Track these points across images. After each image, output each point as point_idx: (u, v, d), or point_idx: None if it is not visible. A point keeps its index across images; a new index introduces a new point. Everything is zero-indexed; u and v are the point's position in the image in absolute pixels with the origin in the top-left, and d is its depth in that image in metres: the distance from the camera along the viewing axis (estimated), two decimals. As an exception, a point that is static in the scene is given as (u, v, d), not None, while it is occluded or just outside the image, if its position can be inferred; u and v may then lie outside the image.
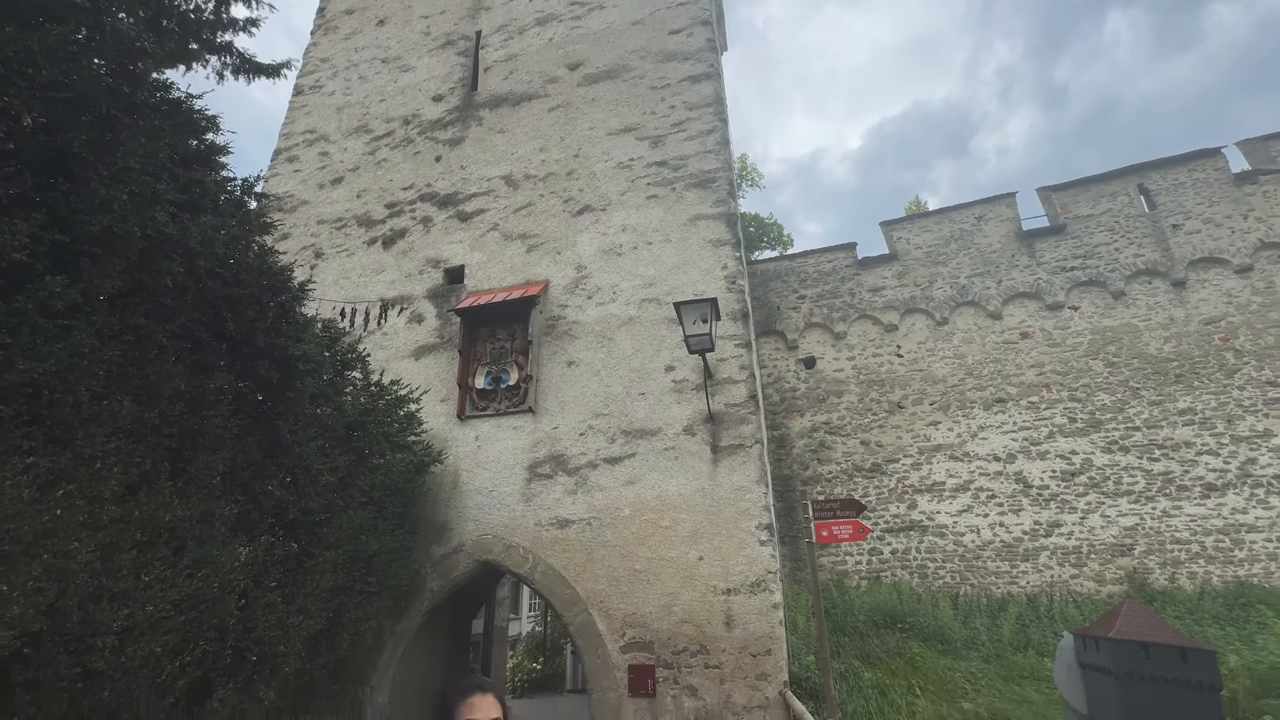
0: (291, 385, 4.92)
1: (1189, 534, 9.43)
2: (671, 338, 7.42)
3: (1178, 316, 10.60)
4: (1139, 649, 1.42)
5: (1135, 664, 1.41)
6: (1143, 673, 1.39)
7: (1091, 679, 1.52)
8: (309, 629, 4.93)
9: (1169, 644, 1.40)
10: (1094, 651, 1.52)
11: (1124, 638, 1.45)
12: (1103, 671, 1.47)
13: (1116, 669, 1.41)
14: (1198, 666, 1.37)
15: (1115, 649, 1.42)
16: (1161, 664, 1.39)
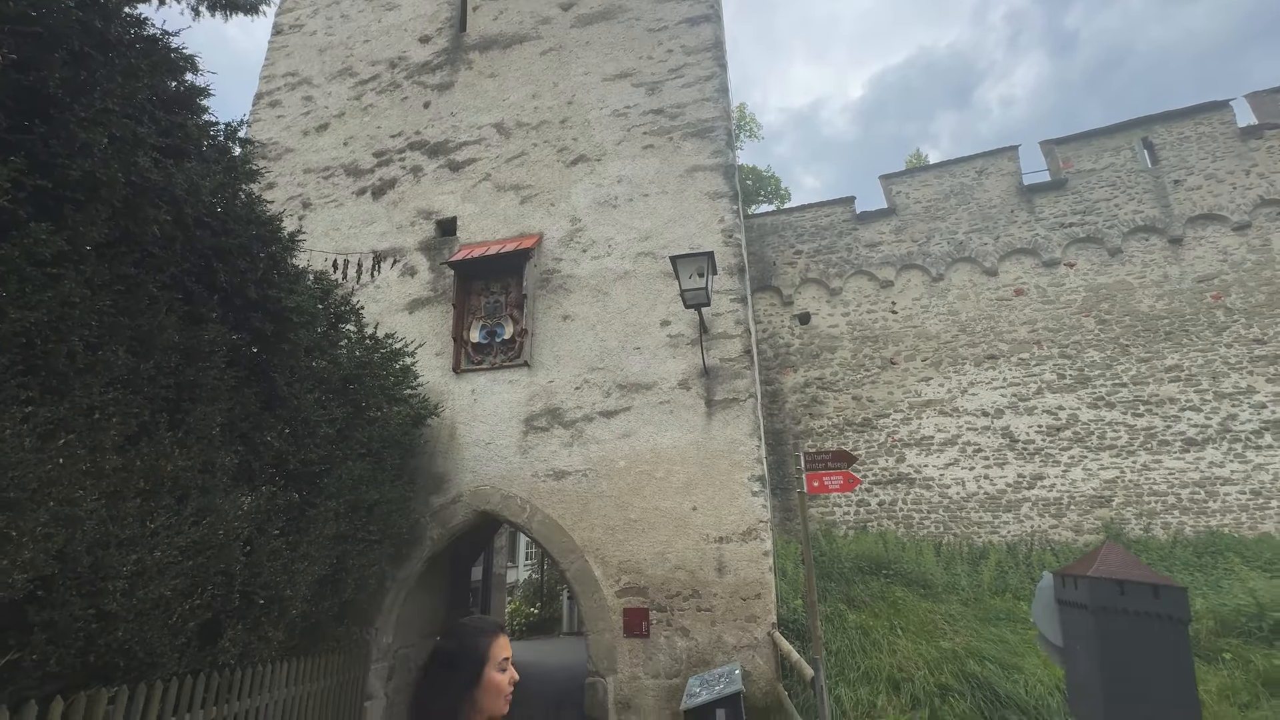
0: (286, 337, 4.90)
1: (1166, 486, 9.74)
2: (667, 292, 7.39)
3: (1172, 274, 10.62)
4: (1115, 586, 1.49)
5: (1110, 599, 1.48)
6: (1117, 607, 1.47)
7: (1068, 614, 1.61)
8: (313, 574, 5.07)
9: (1143, 581, 1.47)
10: (1072, 589, 1.60)
11: (1101, 576, 1.52)
12: (1079, 607, 1.55)
13: (1093, 604, 1.49)
14: (1169, 601, 1.45)
15: (1092, 586, 1.50)
16: (1135, 599, 1.47)
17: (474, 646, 1.35)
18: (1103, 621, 1.44)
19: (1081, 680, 1.51)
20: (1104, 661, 1.42)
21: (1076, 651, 1.54)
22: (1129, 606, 1.42)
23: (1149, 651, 1.39)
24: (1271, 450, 9.51)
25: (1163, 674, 1.39)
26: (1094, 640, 1.45)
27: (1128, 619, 1.42)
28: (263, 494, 4.63)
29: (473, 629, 1.41)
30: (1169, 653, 1.40)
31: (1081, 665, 1.51)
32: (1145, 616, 1.42)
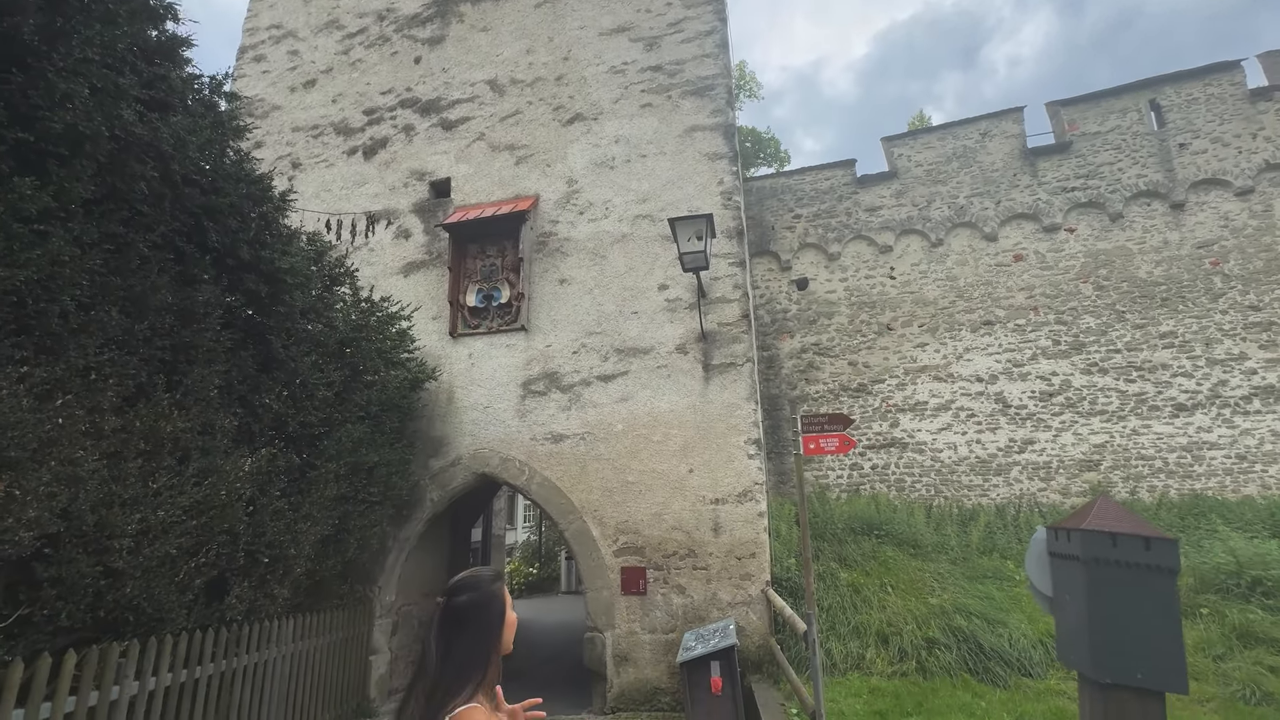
0: (280, 299, 4.85)
1: (1154, 451, 9.91)
2: (665, 255, 7.32)
3: (1172, 240, 10.57)
4: (1108, 538, 1.52)
5: (1103, 551, 1.52)
6: (1109, 558, 1.50)
7: (1059, 566, 1.65)
8: (316, 534, 5.15)
9: (1136, 534, 1.50)
10: (1065, 542, 1.63)
11: (1095, 529, 1.55)
12: (1071, 559, 1.58)
13: (1085, 555, 1.52)
14: (1159, 553, 1.49)
15: (1085, 538, 1.53)
16: (1127, 551, 1.50)
17: (495, 593, 1.50)
18: (1093, 572, 1.48)
19: (1070, 628, 1.56)
20: (1093, 610, 1.46)
21: (1066, 601, 1.58)
22: (1120, 558, 1.45)
23: (1137, 600, 1.43)
24: (1259, 415, 9.65)
25: (1150, 621, 1.44)
26: (1084, 590, 1.49)
27: (1118, 569, 1.46)
28: (263, 456, 4.66)
29: (487, 578, 1.53)
30: (1157, 601, 1.44)
31: (1070, 614, 1.55)
32: (1136, 567, 1.45)
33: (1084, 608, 1.53)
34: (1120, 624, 1.47)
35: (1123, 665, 1.46)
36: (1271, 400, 9.64)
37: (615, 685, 6.19)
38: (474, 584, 1.50)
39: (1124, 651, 1.47)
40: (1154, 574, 1.50)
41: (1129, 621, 1.47)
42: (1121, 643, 1.47)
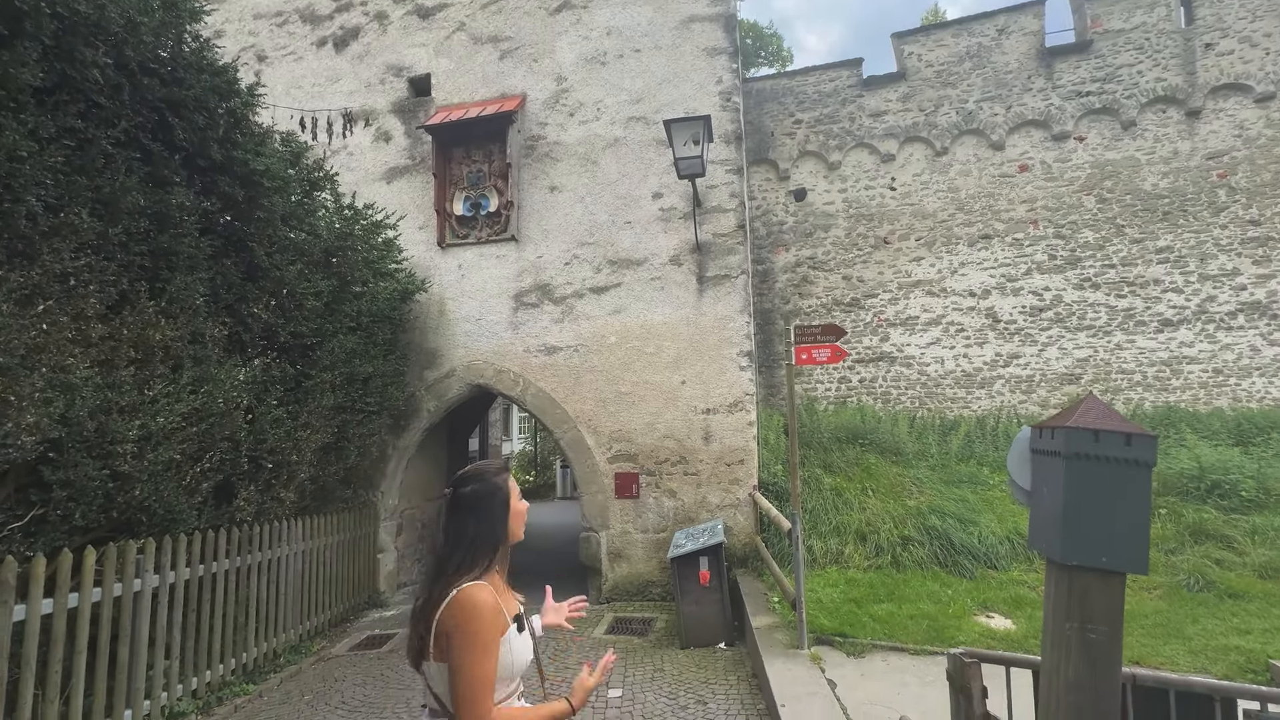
0: (259, 204, 4.66)
1: (1135, 365, 10.14)
2: (660, 161, 7.02)
3: (1182, 150, 10.23)
4: (1090, 435, 1.57)
5: (1084, 447, 1.57)
6: (1089, 454, 1.56)
7: (1040, 462, 1.71)
8: (316, 442, 5.27)
9: (1118, 430, 1.55)
10: (1048, 439, 1.68)
11: (1078, 426, 1.60)
12: (1053, 455, 1.64)
13: (1066, 451, 1.58)
14: (1139, 448, 1.54)
15: (1068, 435, 1.58)
16: (1108, 447, 1.56)
17: (500, 483, 1.56)
18: (1072, 465, 1.53)
19: (1044, 517, 1.63)
20: (1068, 500, 1.53)
21: (1043, 493, 1.65)
22: (1100, 453, 1.51)
23: (1111, 491, 1.50)
24: (1241, 331, 9.81)
25: (1120, 510, 1.51)
26: (1061, 482, 1.55)
27: (1097, 463, 1.51)
28: (257, 366, 4.67)
29: (491, 470, 1.59)
30: (1130, 492, 1.51)
31: (1045, 504, 1.62)
32: (1114, 461, 1.50)
33: (1059, 498, 1.59)
34: (1091, 513, 1.54)
35: (1090, 549, 1.54)
36: (1256, 316, 9.77)
37: (610, 579, 6.63)
38: (479, 475, 1.56)
39: (1092, 537, 1.55)
40: (1131, 467, 1.55)
41: (1100, 510, 1.54)
42: (1091, 530, 1.54)
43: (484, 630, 1.37)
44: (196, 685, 4.17)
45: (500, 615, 1.43)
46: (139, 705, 3.70)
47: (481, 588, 1.42)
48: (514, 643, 1.47)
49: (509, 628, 1.46)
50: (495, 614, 1.40)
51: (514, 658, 1.47)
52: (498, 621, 1.40)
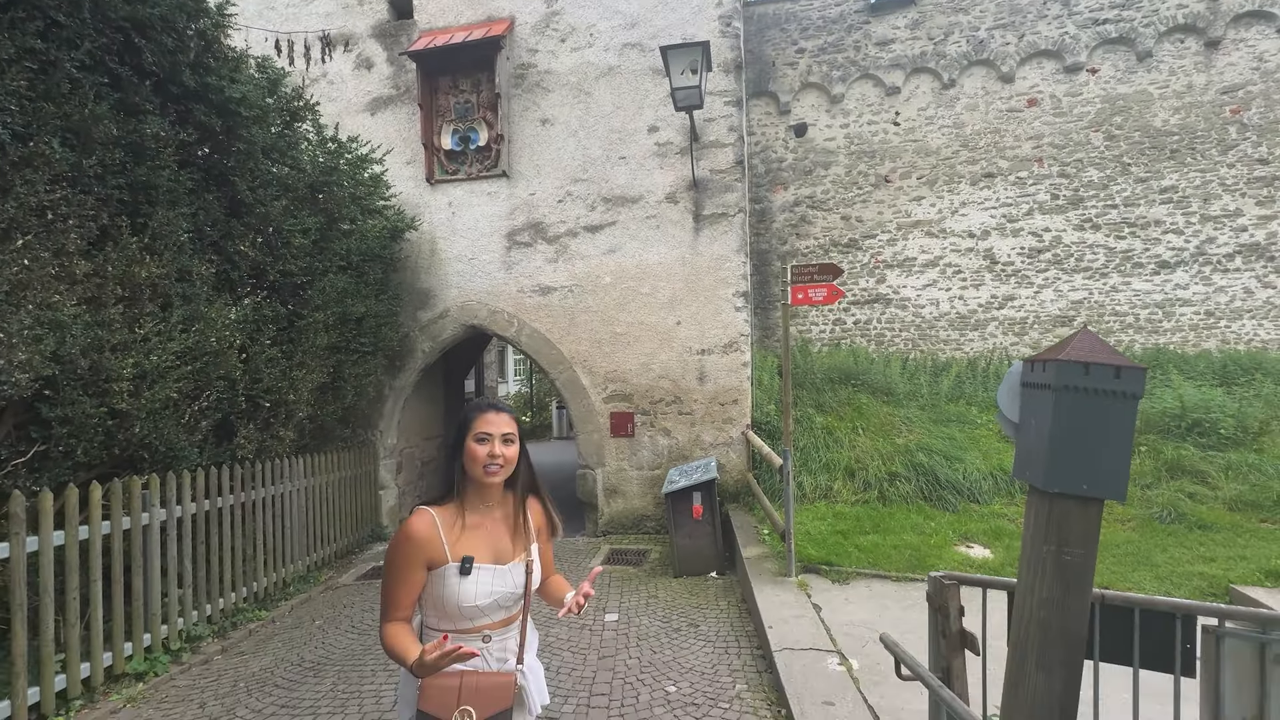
0: (238, 135, 4.47)
1: (1128, 307, 10.17)
2: (656, 92, 6.73)
3: (1197, 84, 9.87)
4: (1081, 367, 1.59)
5: (1074, 379, 1.59)
6: (1079, 386, 1.58)
7: (1030, 394, 1.74)
8: (313, 382, 5.28)
9: (1109, 363, 1.57)
10: (1040, 372, 1.70)
11: (1070, 359, 1.62)
12: (1043, 388, 1.67)
13: (1056, 384, 1.60)
14: (1128, 380, 1.57)
15: (1059, 368, 1.60)
16: (1098, 379, 1.58)
17: (464, 416, 1.57)
18: (1061, 398, 1.56)
19: (1029, 447, 1.67)
20: (1054, 431, 1.57)
21: (1030, 425, 1.69)
22: (1090, 385, 1.53)
23: (1097, 422, 1.53)
24: (1237, 273, 9.79)
25: (1105, 440, 1.55)
26: (1049, 413, 1.58)
27: (1086, 395, 1.53)
28: (248, 305, 4.61)
29: (474, 403, 1.60)
30: (1116, 423, 1.54)
31: (1032, 435, 1.66)
32: (1103, 393, 1.53)
33: (1045, 430, 1.62)
34: (1077, 442, 1.58)
35: (1071, 477, 1.58)
36: (1253, 258, 9.73)
37: (605, 513, 6.85)
38: (467, 405, 1.62)
39: (1075, 466, 1.59)
40: (1119, 399, 1.57)
41: (1085, 440, 1.57)
42: (1074, 459, 1.58)
43: (393, 554, 1.47)
44: (210, 612, 4.35)
45: (422, 544, 1.45)
46: (156, 629, 3.87)
47: (419, 513, 1.49)
48: (448, 579, 1.45)
49: (446, 564, 1.46)
50: (410, 541, 1.45)
51: (446, 594, 1.44)
52: (412, 550, 1.44)
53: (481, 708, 1.40)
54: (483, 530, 1.53)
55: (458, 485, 1.54)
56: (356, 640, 4.20)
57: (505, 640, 1.53)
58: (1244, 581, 4.03)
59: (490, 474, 1.51)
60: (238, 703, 3.41)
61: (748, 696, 3.20)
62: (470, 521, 1.52)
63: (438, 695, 1.39)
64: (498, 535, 1.55)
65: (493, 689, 1.43)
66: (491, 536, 1.54)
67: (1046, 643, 1.68)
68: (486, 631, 1.51)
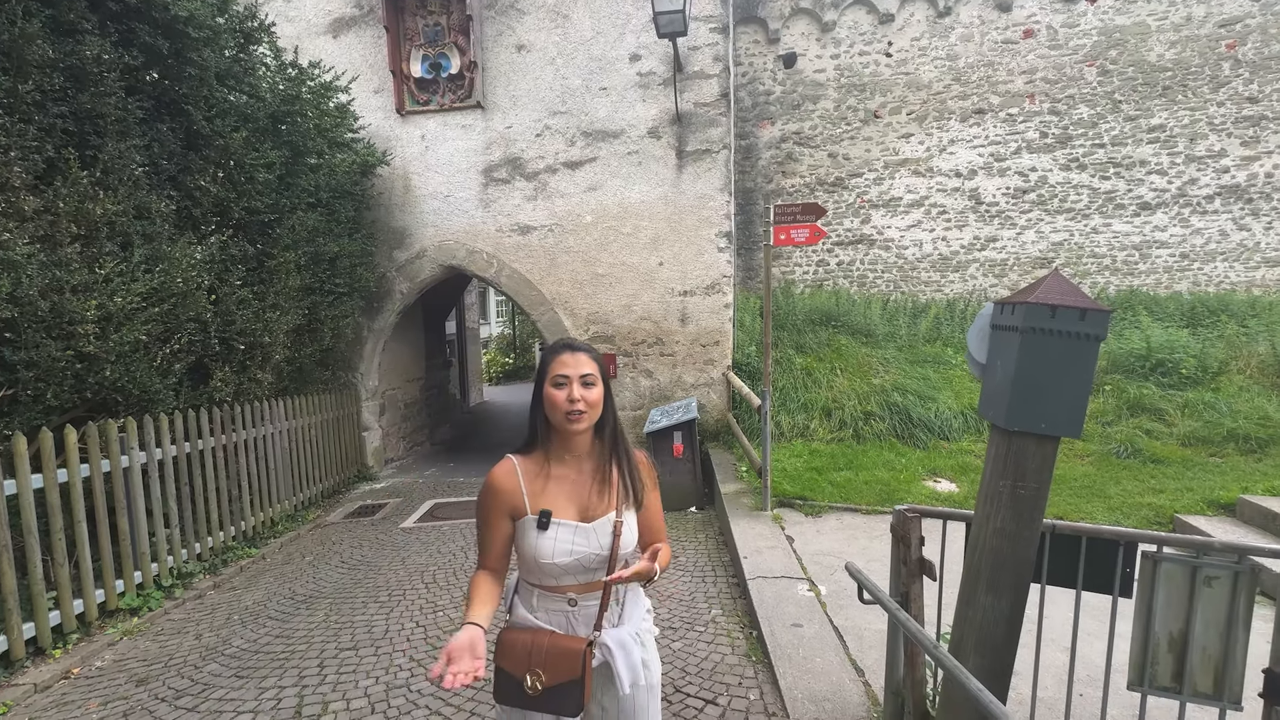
0: (188, 59, 4.17)
1: (1107, 249, 10.26)
2: (638, 16, 6.36)
3: (1196, 15, 9.59)
4: (1048, 310, 1.62)
5: (1040, 321, 1.63)
6: (1045, 328, 1.62)
7: (998, 336, 1.78)
8: (287, 323, 5.19)
9: (1074, 305, 1.60)
10: (1009, 315, 1.74)
11: (1038, 301, 1.65)
12: (1011, 330, 1.70)
13: (1023, 326, 1.64)
14: (1092, 322, 1.60)
15: (1027, 310, 1.63)
16: (1063, 321, 1.61)
17: (542, 362, 1.44)
18: (1027, 339, 1.59)
19: (995, 387, 1.72)
20: (1019, 372, 1.61)
21: (996, 366, 1.73)
22: (1056, 327, 1.56)
23: (1060, 362, 1.58)
24: (1214, 215, 9.87)
25: (1065, 380, 1.60)
26: (1014, 354, 1.62)
27: (1051, 337, 1.57)
28: (214, 244, 4.45)
29: (554, 345, 1.46)
30: (1077, 364, 1.59)
31: (998, 375, 1.70)
32: (1067, 335, 1.56)
33: (1010, 369, 1.65)
34: (1038, 383, 1.62)
35: (1031, 415, 1.64)
36: (1232, 200, 9.79)
37: (589, 452, 6.99)
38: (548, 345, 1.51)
39: (1035, 405, 1.64)
40: (1082, 341, 1.61)
41: (1047, 380, 1.62)
42: (1035, 398, 1.63)
43: (480, 502, 1.42)
44: (200, 550, 4.44)
45: (503, 495, 1.38)
46: (147, 567, 3.95)
47: (503, 462, 1.42)
48: (526, 532, 1.37)
49: (525, 516, 1.37)
50: (491, 491, 1.39)
51: (525, 547, 1.37)
52: (494, 500, 1.38)
53: (550, 673, 1.30)
54: (568, 483, 1.41)
55: (541, 434, 1.42)
56: (347, 575, 4.33)
57: (589, 606, 1.40)
58: (1188, 511, 4.29)
59: (573, 421, 1.35)
60: (233, 634, 3.54)
61: (722, 620, 3.40)
62: (555, 473, 1.41)
63: (512, 652, 1.33)
64: (584, 489, 1.41)
65: (562, 655, 1.31)
66: (577, 490, 1.41)
67: (997, 568, 1.79)
68: (571, 595, 1.39)
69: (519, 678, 1.31)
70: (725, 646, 3.12)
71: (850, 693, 2.56)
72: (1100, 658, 2.04)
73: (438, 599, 3.85)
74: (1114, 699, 2.23)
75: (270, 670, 3.10)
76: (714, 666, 2.93)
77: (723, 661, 2.98)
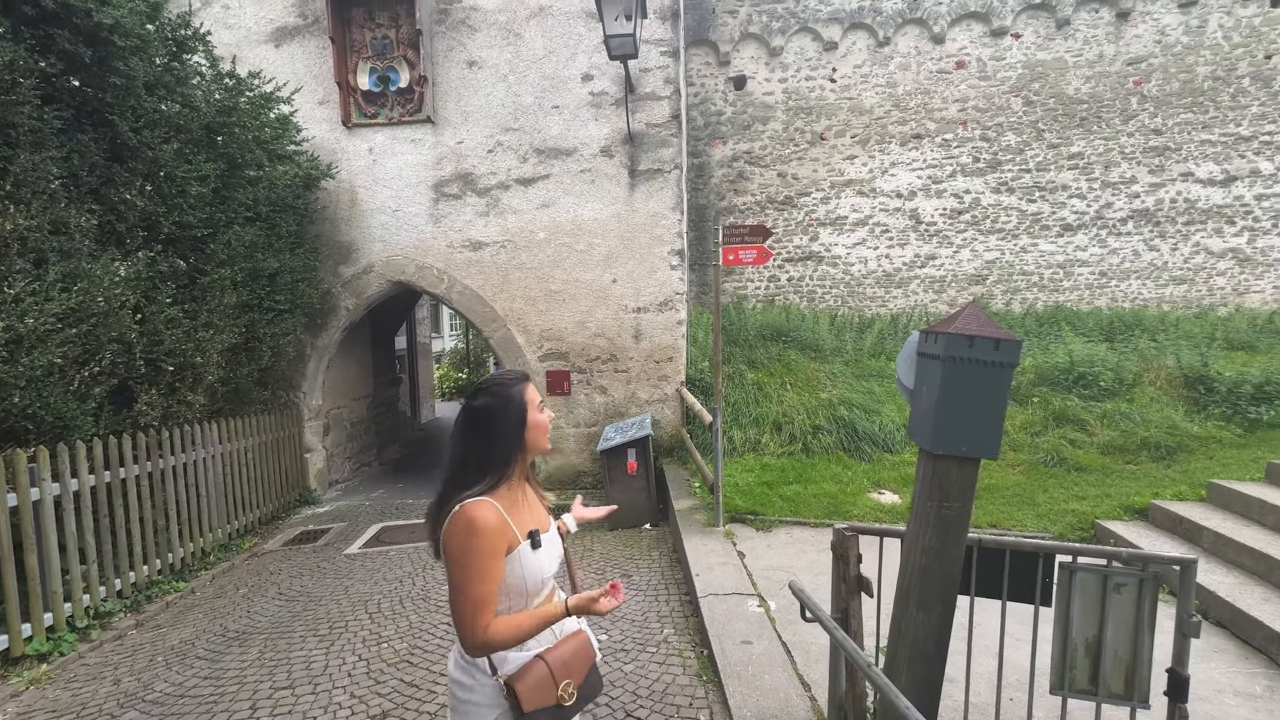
0: (113, 68, 3.98)
1: (1035, 267, 10.93)
2: (590, 38, 6.44)
3: (1107, 53, 10.42)
4: (965, 340, 1.73)
5: (960, 350, 1.74)
6: (963, 357, 1.73)
7: (923, 364, 1.88)
8: (222, 342, 4.96)
9: (990, 336, 1.71)
10: (932, 343, 1.84)
11: (957, 332, 1.76)
12: (934, 358, 1.81)
13: (944, 355, 1.74)
14: (1005, 351, 1.72)
15: (948, 340, 1.73)
16: (980, 351, 1.73)
17: (512, 396, 1.45)
18: (949, 368, 1.69)
19: (921, 412, 1.81)
20: (941, 398, 1.70)
21: (922, 392, 1.82)
22: (973, 356, 1.66)
23: (978, 389, 1.68)
24: (1128, 237, 10.68)
25: (983, 406, 1.69)
26: (937, 382, 1.71)
27: (969, 365, 1.67)
28: (140, 260, 4.22)
29: (506, 381, 1.48)
30: (993, 390, 1.69)
31: (923, 400, 1.80)
32: (983, 364, 1.67)
33: (934, 396, 1.74)
34: (959, 408, 1.71)
35: (953, 439, 1.73)
36: (1143, 223, 10.61)
37: (542, 470, 6.91)
38: (492, 387, 1.46)
39: (957, 429, 1.73)
40: (997, 369, 1.71)
41: (967, 406, 1.71)
42: (956, 423, 1.73)
43: (477, 550, 1.30)
44: (121, 586, 4.14)
45: (500, 533, 1.34)
46: (59, 608, 3.66)
47: (481, 504, 1.34)
48: (524, 558, 1.39)
49: (519, 544, 1.39)
50: (491, 533, 1.32)
51: (525, 573, 1.40)
52: (494, 540, 1.32)
53: (577, 673, 1.42)
54: (526, 502, 1.50)
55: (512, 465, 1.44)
56: (284, 607, 4.13)
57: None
58: (1107, 517, 4.59)
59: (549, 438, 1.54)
60: (156, 676, 3.31)
61: (674, 640, 3.41)
62: (517, 498, 1.47)
63: (537, 690, 1.35)
64: (533, 502, 1.55)
65: (576, 651, 1.44)
66: (531, 505, 1.52)
67: (926, 585, 1.87)
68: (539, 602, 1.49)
69: (553, 703, 1.38)
70: (677, 667, 3.13)
71: (797, 708, 2.61)
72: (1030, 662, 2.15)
73: (382, 629, 3.71)
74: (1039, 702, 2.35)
75: (197, 716, 2.92)
76: (665, 688, 2.94)
77: (674, 683, 2.98)
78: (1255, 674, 3.01)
